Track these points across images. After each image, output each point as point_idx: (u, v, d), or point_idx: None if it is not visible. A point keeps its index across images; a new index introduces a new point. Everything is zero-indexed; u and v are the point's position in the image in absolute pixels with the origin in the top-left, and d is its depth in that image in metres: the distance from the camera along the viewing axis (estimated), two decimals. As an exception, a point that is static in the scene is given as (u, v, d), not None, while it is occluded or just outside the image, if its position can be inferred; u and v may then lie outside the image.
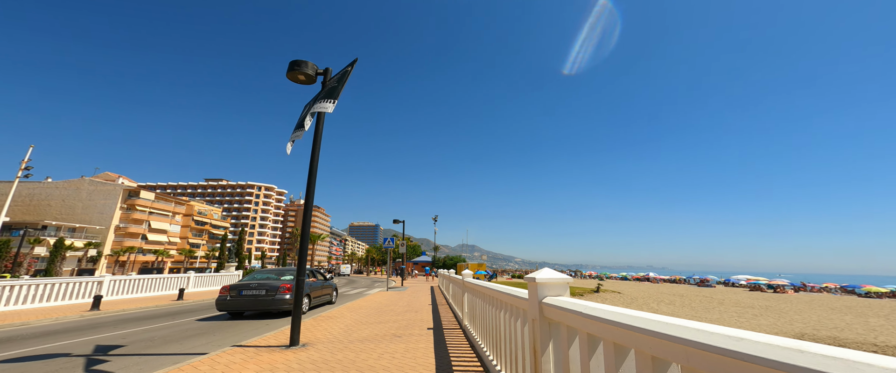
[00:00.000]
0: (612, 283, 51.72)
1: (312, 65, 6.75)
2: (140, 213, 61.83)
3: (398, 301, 12.83)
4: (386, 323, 7.84)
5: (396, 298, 14.33)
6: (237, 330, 7.56)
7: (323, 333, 6.59)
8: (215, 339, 6.51)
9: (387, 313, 9.48)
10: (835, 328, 18.14)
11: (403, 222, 26.55)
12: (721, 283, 57.19)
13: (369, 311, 10.04)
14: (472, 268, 43.22)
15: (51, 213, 57.31)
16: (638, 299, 30.14)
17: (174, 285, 16.60)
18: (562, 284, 2.13)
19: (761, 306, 26.87)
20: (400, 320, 8.33)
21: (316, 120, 6.43)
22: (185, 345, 5.94)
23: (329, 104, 5.92)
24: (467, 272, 6.84)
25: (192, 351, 5.47)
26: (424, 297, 14.72)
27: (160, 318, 9.46)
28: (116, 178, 71.09)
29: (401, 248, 24.95)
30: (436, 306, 11.39)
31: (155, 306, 11.68)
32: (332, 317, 8.75)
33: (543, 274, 2.15)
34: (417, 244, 78.54)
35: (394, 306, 11.15)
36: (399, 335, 6.42)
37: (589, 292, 32.59)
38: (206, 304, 13.06)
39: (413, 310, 10.16)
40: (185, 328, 7.71)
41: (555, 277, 2.12)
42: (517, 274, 67.07)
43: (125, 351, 5.53)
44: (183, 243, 72.00)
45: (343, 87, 6.37)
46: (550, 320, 2.06)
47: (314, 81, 6.81)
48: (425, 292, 17.90)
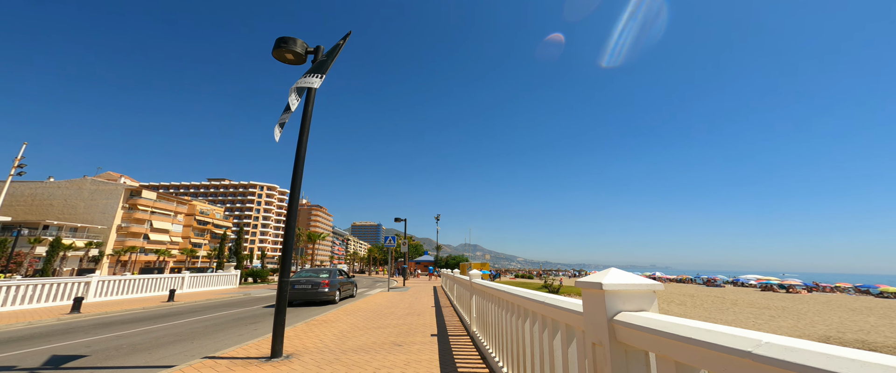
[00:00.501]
0: (618, 283, 50.73)
1: (302, 43, 6.00)
2: (142, 212, 61.60)
3: (399, 303, 12.09)
4: (385, 329, 7.09)
5: (398, 299, 13.59)
6: (220, 336, 6.84)
7: (313, 340, 5.84)
8: (191, 347, 5.78)
9: (387, 317, 8.73)
10: (860, 330, 17.20)
11: (404, 221, 25.83)
12: (729, 282, 56.00)
13: (368, 314, 9.29)
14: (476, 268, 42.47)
15: (53, 212, 57.13)
16: (647, 300, 29.24)
17: (167, 286, 15.94)
18: (645, 293, 1.35)
19: (777, 307, 25.87)
20: (401, 324, 7.58)
21: (305, 98, 5.70)
22: (155, 355, 5.21)
23: (316, 79, 5.18)
24: (475, 272, 6.07)
25: (159, 363, 4.74)
26: (427, 298, 13.97)
27: (142, 321, 8.77)
28: (119, 177, 70.96)
29: (402, 247, 24.22)
30: (439, 308, 10.64)
31: (141, 308, 11.01)
32: (326, 321, 8.01)
33: (616, 278, 1.36)
34: (419, 244, 77.93)
35: (395, 309, 10.41)
36: (399, 343, 5.66)
37: (596, 292, 31.68)
38: (197, 305, 12.38)
39: (415, 313, 9.40)
40: (161, 334, 7.01)
41: (635, 283, 1.33)
42: (521, 274, 66.17)
43: (82, 363, 4.81)
44: (185, 243, 71.77)
45: (333, 62, 5.63)
46: (629, 347, 1.29)
47: (304, 61, 6.07)
48: (428, 292, 17.15)
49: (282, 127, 5.69)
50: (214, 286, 19.85)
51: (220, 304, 13.15)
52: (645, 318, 1.22)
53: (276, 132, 5.69)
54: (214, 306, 12.22)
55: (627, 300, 1.35)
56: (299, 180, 5.16)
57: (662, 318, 1.18)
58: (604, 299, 1.35)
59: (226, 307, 11.88)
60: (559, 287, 33.18)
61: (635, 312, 1.32)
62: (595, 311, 1.43)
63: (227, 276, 21.10)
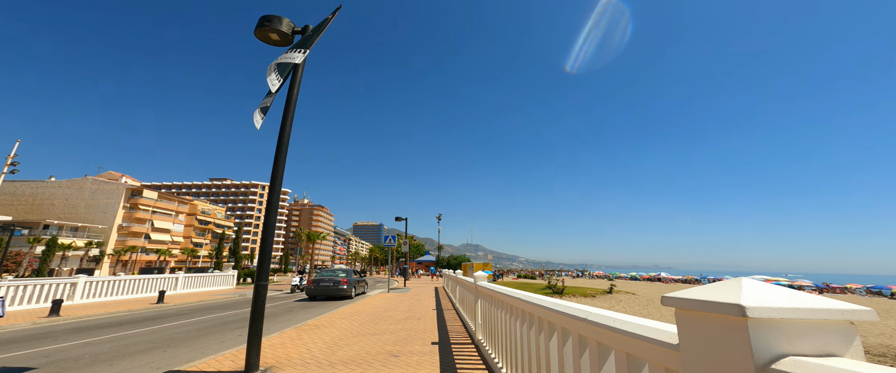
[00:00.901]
0: (622, 283, 49.86)
1: (288, 21, 5.39)
2: (143, 212, 61.36)
3: (399, 305, 11.46)
4: (382, 335, 6.46)
5: (397, 301, 12.96)
6: (200, 343, 6.23)
7: (299, 349, 5.22)
8: (161, 357, 5.17)
9: (384, 321, 8.10)
10: (882, 334, 16.43)
11: (405, 220, 25.21)
12: (737, 283, 54.86)
13: (364, 318, 8.66)
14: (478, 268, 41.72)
15: (54, 212, 56.96)
16: (654, 301, 28.45)
17: (159, 287, 15.38)
18: (835, 326, 0.70)
19: (790, 308, 25.03)
20: (399, 330, 6.95)
21: (290, 79, 5.09)
22: (116, 367, 4.61)
23: (298, 54, 4.57)
24: (480, 274, 5.42)
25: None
26: (428, 300, 13.33)
27: (121, 326, 8.19)
28: (120, 177, 70.84)
29: (403, 246, 23.58)
30: (441, 310, 10.00)
31: (126, 311, 10.43)
32: (318, 326, 7.39)
33: (772, 297, 0.72)
34: (421, 243, 77.33)
35: (393, 312, 9.78)
36: (396, 354, 5.03)
37: (601, 293, 30.95)
38: (186, 308, 11.80)
39: (415, 317, 8.77)
40: (135, 341, 6.41)
41: (814, 307, 0.68)
42: (523, 274, 65.35)
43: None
44: (186, 243, 71.53)
45: (318, 38, 5.01)
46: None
47: (290, 42, 5.45)
48: (429, 294, 16.51)
49: (264, 112, 5.07)
50: (209, 287, 19.30)
51: (211, 306, 12.57)
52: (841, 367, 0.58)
53: (257, 118, 5.05)
54: (204, 309, 11.64)
55: (799, 336, 0.70)
56: (281, 171, 4.56)
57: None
58: (748, 332, 0.70)
59: (216, 309, 11.30)
60: (563, 288, 32.52)
61: (816, 357, 0.67)
62: (719, 351, 0.78)
63: (223, 276, 20.56)
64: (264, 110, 4.99)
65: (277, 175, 4.50)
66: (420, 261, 49.89)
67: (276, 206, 4.42)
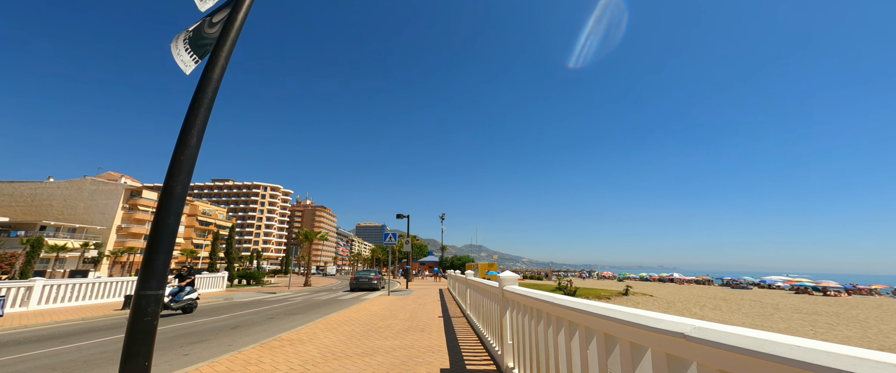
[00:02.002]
0: (634, 284, 47.88)
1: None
2: (142, 213, 60.46)
3: (399, 311, 9.85)
4: (373, 356, 4.86)
5: (398, 306, 11.34)
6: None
7: (251, 384, 3.62)
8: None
9: (380, 333, 6.49)
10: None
11: (407, 218, 23.63)
12: (755, 284, 52.72)
13: (356, 328, 7.06)
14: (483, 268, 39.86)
15: (52, 213, 56.16)
16: (675, 304, 26.59)
17: (128, 290, 13.84)
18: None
19: (827, 312, 23.08)
20: (397, 348, 5.34)
21: None
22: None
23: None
24: (509, 275, 3.75)
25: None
26: (433, 304, 11.70)
27: (61, 338, 6.68)
28: (119, 178, 70.03)
29: (405, 246, 21.98)
30: (448, 318, 8.37)
31: (78, 319, 8.92)
32: (298, 340, 5.80)
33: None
34: (424, 244, 75.70)
35: (392, 320, 8.17)
36: (388, 391, 3.42)
37: (616, 294, 29.14)
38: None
39: (418, 327, 7.15)
40: (65, 359, 4.92)
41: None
42: (528, 275, 63.44)
43: None
44: (187, 244, 70.61)
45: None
46: None
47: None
48: (433, 297, 14.88)
49: (198, 50, 3.15)
50: (204, 289, 17.81)
51: (187, 312, 11.04)
52: None
53: (182, 59, 3.15)
54: (169, 318, 10.11)
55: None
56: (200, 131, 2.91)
57: None
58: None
59: (183, 318, 9.72)
60: (575, 290, 30.71)
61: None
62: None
63: (211, 278, 19.06)
64: (198, 45, 3.14)
65: (188, 135, 2.86)
66: (423, 262, 48.30)
67: (173, 197, 2.79)
